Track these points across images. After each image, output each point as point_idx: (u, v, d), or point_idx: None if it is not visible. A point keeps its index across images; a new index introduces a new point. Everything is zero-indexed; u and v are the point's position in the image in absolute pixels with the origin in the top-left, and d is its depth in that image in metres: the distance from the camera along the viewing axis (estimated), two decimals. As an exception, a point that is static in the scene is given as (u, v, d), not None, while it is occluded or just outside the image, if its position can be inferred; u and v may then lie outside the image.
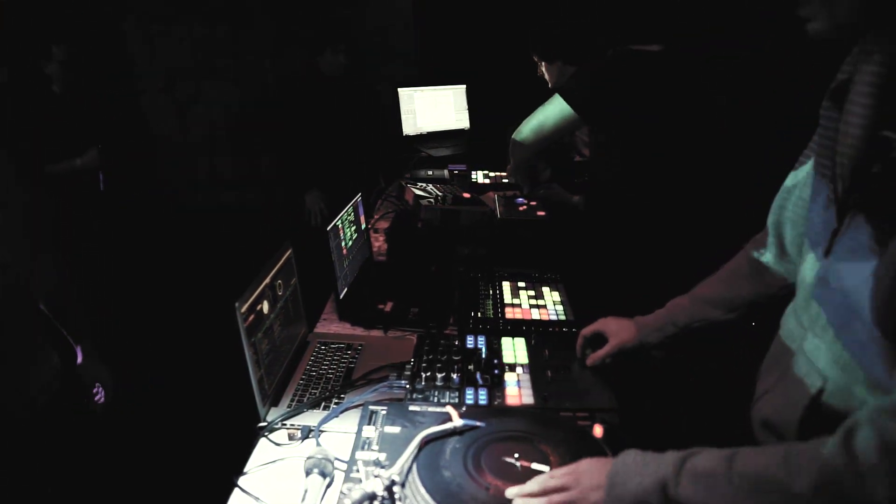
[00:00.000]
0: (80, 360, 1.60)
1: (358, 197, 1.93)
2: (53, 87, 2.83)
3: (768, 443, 0.92)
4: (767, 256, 1.09)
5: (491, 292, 1.77)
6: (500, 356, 1.41)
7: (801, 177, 0.97)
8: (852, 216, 0.75)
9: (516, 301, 1.72)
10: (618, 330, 1.31)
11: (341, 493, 0.94)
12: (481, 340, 1.48)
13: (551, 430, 1.07)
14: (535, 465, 0.98)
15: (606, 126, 1.84)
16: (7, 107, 2.66)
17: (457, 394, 1.26)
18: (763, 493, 0.68)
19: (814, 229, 0.85)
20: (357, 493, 0.91)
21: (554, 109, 1.87)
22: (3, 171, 1.38)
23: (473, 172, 2.90)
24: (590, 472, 0.86)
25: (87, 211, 2.97)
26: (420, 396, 1.25)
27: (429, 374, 1.31)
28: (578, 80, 1.86)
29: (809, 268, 0.87)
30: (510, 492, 0.91)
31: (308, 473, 1.02)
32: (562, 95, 1.83)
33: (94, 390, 1.62)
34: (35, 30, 2.71)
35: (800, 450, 0.68)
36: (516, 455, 1.00)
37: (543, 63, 2.08)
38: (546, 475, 0.90)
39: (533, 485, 0.89)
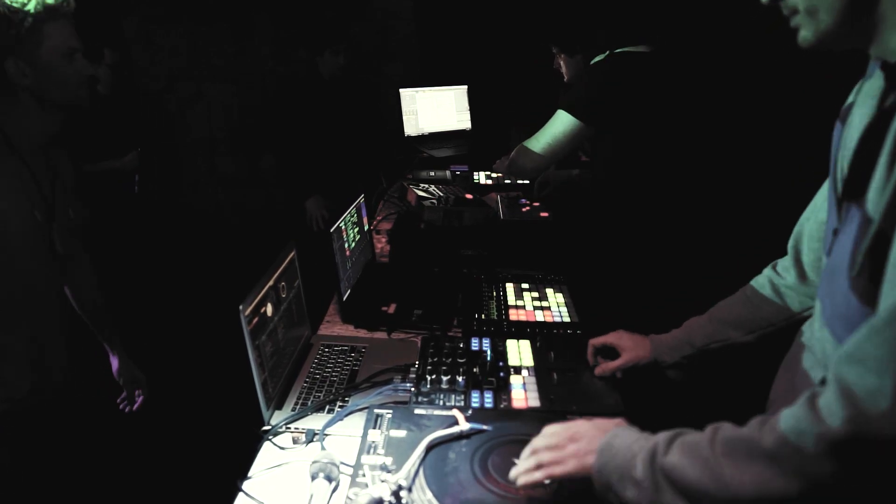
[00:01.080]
0: (115, 366, 1.61)
1: (361, 198, 1.92)
2: (99, 87, 2.84)
3: None
4: (789, 280, 1.10)
5: (494, 294, 1.76)
6: (505, 359, 1.40)
7: (818, 201, 0.99)
8: (847, 210, 0.76)
9: (520, 303, 1.71)
10: (633, 346, 1.29)
11: (348, 497, 0.93)
12: (486, 343, 1.47)
13: (558, 434, 1.06)
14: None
15: (615, 130, 1.83)
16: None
17: (462, 397, 1.25)
18: (736, 450, 0.70)
19: (826, 243, 0.86)
20: (364, 498, 0.90)
21: (562, 125, 1.83)
22: (67, 172, 1.39)
23: (475, 173, 2.89)
24: (587, 436, 0.87)
25: (120, 213, 2.98)
26: (425, 399, 1.24)
27: (434, 376, 1.30)
28: (580, 90, 1.84)
29: None
30: (513, 473, 0.91)
31: (313, 478, 1.01)
32: (566, 110, 1.81)
33: (135, 392, 1.67)
34: (92, 33, 2.75)
35: (775, 414, 0.70)
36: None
37: (563, 56, 2.06)
38: (541, 435, 0.92)
39: (527, 453, 0.91)
